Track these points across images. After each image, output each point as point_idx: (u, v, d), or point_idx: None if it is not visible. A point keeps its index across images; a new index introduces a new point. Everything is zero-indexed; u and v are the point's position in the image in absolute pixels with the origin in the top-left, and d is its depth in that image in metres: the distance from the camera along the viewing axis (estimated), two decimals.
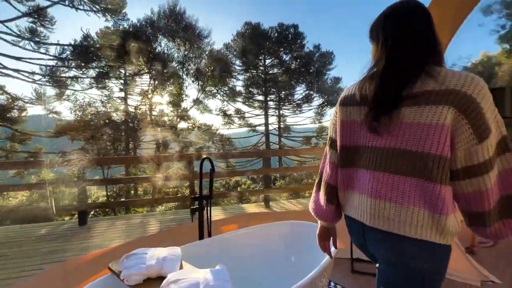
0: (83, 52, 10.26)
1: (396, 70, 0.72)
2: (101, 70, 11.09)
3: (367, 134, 0.78)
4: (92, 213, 9.13)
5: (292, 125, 17.26)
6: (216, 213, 4.00)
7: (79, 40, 10.22)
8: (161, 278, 1.20)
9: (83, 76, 10.91)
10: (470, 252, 2.55)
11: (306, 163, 13.72)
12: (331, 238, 1.04)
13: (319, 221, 1.00)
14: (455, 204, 0.72)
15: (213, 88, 15.04)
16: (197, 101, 14.50)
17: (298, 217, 2.34)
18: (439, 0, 2.27)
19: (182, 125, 13.88)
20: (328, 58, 14.62)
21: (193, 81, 14.16)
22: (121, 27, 10.88)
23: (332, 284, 2.14)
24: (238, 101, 16.91)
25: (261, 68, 16.16)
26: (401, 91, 0.70)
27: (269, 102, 17.36)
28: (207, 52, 14.05)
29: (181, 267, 1.34)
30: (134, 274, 1.17)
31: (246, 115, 17.02)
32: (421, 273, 0.71)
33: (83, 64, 10.65)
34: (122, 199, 10.18)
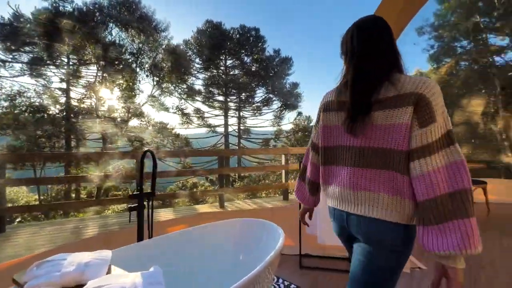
0: (13, 33, 8.84)
1: (362, 80, 0.84)
2: (36, 55, 9.69)
3: (345, 136, 0.90)
4: (18, 219, 7.85)
5: (251, 127, 17.42)
6: (167, 215, 3.77)
7: (7, 18, 8.79)
8: (81, 286, 1.02)
9: (12, 61, 9.41)
10: None
11: (264, 164, 13.92)
12: (308, 213, 1.29)
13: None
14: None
15: (170, 85, 14.34)
16: (151, 98, 13.66)
17: (250, 215, 2.30)
18: (380, 10, 2.48)
19: (134, 122, 12.91)
20: (288, 63, 15.15)
21: (147, 76, 13.31)
22: (62, 8, 9.68)
23: (281, 280, 2.14)
24: (198, 100, 16.46)
25: (222, 68, 16.00)
26: (370, 98, 0.82)
27: (229, 103, 17.27)
28: (164, 46, 13.35)
29: (108, 272, 1.17)
30: (43, 284, 0.97)
31: (206, 115, 16.67)
32: (392, 248, 0.82)
33: (12, 48, 9.17)
34: (55, 202, 8.99)
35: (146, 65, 13.01)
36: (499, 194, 4.64)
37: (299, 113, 16.34)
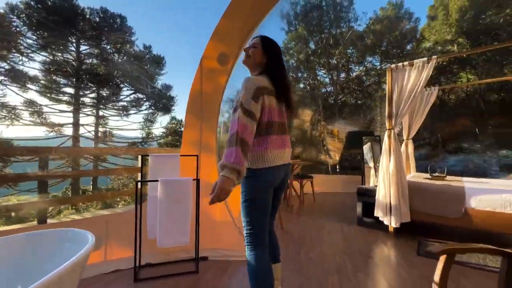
0: None
1: (286, 77, 1.47)
2: None
3: (279, 114, 1.39)
4: None
5: (115, 129, 14.89)
6: None
7: None
8: None
9: None
10: None
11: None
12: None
13: (234, 177, 1.16)
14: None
15: None
16: None
17: (74, 227, 1.73)
18: (228, 13, 2.61)
19: None
20: (160, 62, 14.17)
21: None
22: None
23: None
24: (31, 89, 12.32)
25: (73, 53, 12.83)
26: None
27: (84, 99, 14.05)
28: None
29: None
30: None
31: (45, 110, 12.71)
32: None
33: None
34: None
35: None
36: (321, 186, 6.10)
37: (173, 118, 15.61)
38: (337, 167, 9.01)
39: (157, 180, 1.93)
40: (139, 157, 2.47)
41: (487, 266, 2.18)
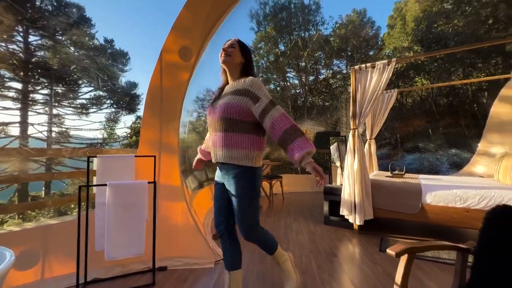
0: None
1: None
2: None
3: None
4: None
5: (70, 128, 13.65)
6: None
7: None
8: None
9: None
10: (215, 238, 2.89)
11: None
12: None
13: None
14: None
15: None
16: None
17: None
18: (189, 5, 2.45)
19: None
20: (123, 58, 13.30)
21: None
22: None
23: None
24: None
25: (20, 43, 11.49)
26: None
27: (35, 95, 12.66)
28: None
29: None
30: None
31: None
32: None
33: None
34: None
35: None
36: (290, 185, 6.14)
37: (139, 117, 14.75)
38: None
39: (105, 185, 1.71)
40: (95, 159, 2.19)
41: (441, 259, 2.30)
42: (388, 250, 1.04)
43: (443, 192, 2.69)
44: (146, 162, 2.28)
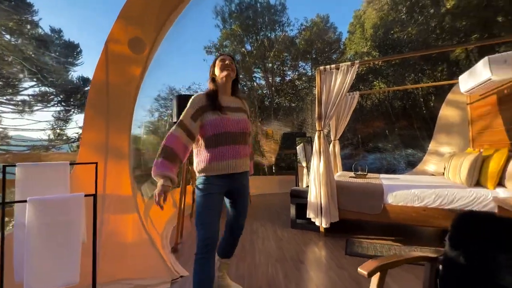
0: None
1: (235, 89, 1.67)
2: None
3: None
4: None
5: (8, 128, 11.92)
6: None
7: None
8: None
9: None
10: (174, 250, 2.62)
11: None
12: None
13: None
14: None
15: None
16: None
17: None
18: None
19: None
20: (73, 50, 12.01)
21: None
22: None
23: None
24: None
25: None
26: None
27: None
28: None
29: None
30: None
31: None
32: None
33: None
34: None
35: None
36: (258, 187, 6.03)
37: None
38: (273, 167, 9.19)
39: (25, 201, 1.37)
40: (16, 168, 1.78)
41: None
42: (359, 269, 0.93)
43: (402, 192, 2.77)
44: (89, 170, 1.94)
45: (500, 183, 2.60)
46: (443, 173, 4.30)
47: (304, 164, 5.50)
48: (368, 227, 3.39)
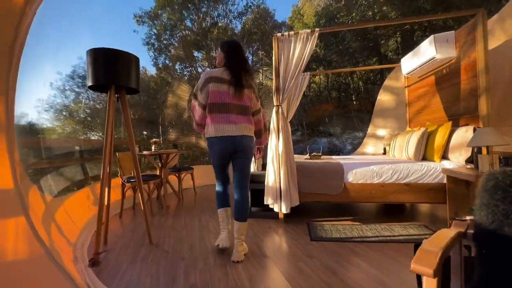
0: None
1: (240, 71, 1.90)
2: None
3: (231, 97, 1.88)
4: None
5: None
6: None
7: None
8: None
9: None
10: (94, 264, 1.90)
11: None
12: None
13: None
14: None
15: None
16: None
17: None
18: None
19: None
20: None
21: None
22: None
23: None
24: None
25: None
26: (243, 81, 1.90)
27: None
28: None
29: None
30: None
31: None
32: None
33: None
34: None
35: None
36: (204, 177, 5.43)
37: None
38: None
39: None
40: None
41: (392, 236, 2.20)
42: (414, 267, 0.56)
43: (362, 170, 2.66)
44: None
45: (443, 156, 2.74)
46: (383, 153, 4.56)
47: None
48: (322, 209, 3.26)
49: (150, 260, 1.93)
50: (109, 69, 1.97)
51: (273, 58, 2.80)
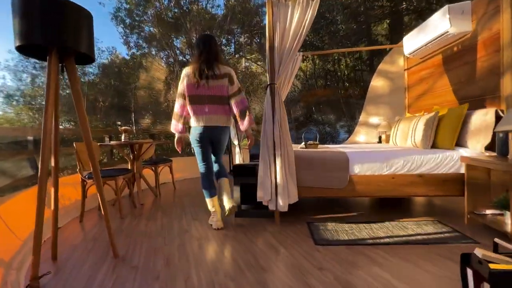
0: None
1: (209, 63, 2.15)
2: None
3: (203, 89, 2.15)
4: None
5: None
6: None
7: None
8: None
9: None
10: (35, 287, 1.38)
11: None
12: (182, 141, 2.34)
13: (177, 134, 2.28)
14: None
15: None
16: None
17: None
18: None
19: None
20: None
21: None
22: None
23: None
24: None
25: None
26: (208, 72, 2.15)
27: None
28: None
29: None
30: None
31: None
32: None
33: None
34: None
35: None
36: (183, 171, 4.90)
37: None
38: None
39: None
40: None
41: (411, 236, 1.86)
42: None
43: (370, 159, 2.31)
44: None
45: (457, 143, 2.45)
46: (378, 142, 4.28)
47: (235, 142, 4.71)
48: (319, 205, 2.92)
49: (112, 283, 1.45)
50: (49, 23, 1.39)
51: (266, 26, 2.32)
